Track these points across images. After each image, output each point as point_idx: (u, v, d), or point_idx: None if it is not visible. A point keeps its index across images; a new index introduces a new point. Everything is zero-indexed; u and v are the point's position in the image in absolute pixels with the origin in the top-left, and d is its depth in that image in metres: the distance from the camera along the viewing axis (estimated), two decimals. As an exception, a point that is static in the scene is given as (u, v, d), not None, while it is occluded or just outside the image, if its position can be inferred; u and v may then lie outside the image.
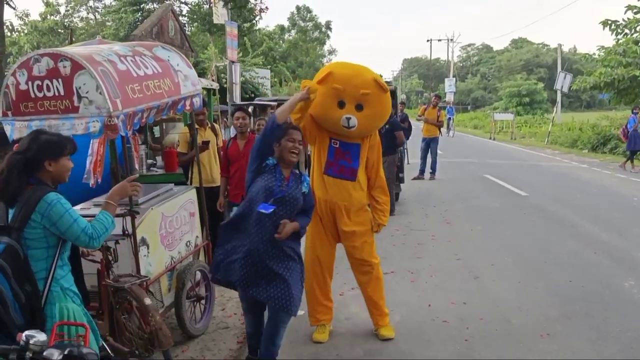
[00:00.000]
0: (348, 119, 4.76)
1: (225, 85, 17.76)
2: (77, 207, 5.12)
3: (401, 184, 11.34)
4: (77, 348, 2.05)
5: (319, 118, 4.96)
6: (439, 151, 15.67)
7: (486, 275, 6.79)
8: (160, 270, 4.93)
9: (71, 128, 4.17)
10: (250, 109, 15.93)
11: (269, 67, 32.17)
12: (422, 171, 14.94)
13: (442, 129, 23.28)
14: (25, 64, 4.25)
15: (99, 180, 7.07)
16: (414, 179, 14.65)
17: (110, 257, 4.22)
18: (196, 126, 7.15)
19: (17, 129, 4.35)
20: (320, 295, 5.10)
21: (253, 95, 24.05)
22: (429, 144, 14.92)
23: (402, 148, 11.16)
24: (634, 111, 17.35)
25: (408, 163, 14.89)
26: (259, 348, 4.32)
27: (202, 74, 19.64)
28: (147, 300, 3.97)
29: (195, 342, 5.15)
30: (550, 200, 11.74)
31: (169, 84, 5.00)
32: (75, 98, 4.13)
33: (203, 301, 5.53)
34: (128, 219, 4.49)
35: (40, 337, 1.99)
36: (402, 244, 8.26)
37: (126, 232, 4.47)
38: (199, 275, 5.48)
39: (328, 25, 50.69)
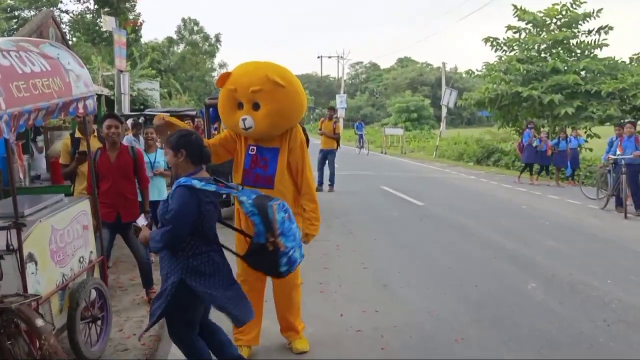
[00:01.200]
0: (244, 120, 4.50)
1: (112, 97, 16.92)
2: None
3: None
4: None
5: (224, 123, 4.74)
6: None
7: (395, 283, 6.74)
8: (50, 289, 4.43)
9: (-55, 129, 3.64)
10: (140, 120, 15.29)
11: (157, 79, 31.21)
12: (320, 183, 14.90)
13: (356, 148, 23.69)
14: None
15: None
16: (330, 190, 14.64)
17: (-9, 275, 3.70)
18: (80, 135, 6.63)
19: None
20: None
21: (142, 107, 23.21)
22: (326, 156, 14.93)
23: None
24: (529, 126, 18.31)
25: None
26: None
27: (88, 84, 18.64)
28: (39, 322, 3.49)
29: (94, 365, 4.67)
30: (446, 209, 12.05)
31: (59, 83, 4.54)
32: (-52, 95, 3.62)
33: (99, 322, 5.05)
34: (14, 232, 3.98)
35: None
36: (308, 255, 7.89)
37: (11, 247, 3.95)
38: (94, 294, 5.00)
39: (218, 38, 50.16)
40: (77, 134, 6.72)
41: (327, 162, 14.98)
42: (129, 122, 13.91)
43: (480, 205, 12.76)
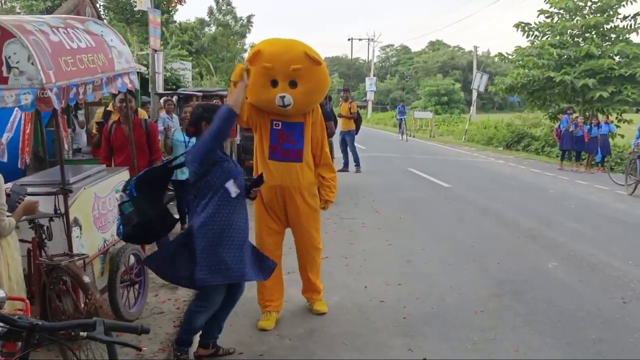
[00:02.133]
0: (282, 97, 4.59)
1: (147, 76, 17.26)
2: None
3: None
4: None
5: (254, 101, 4.79)
6: (360, 146, 15.84)
7: (418, 259, 6.95)
8: (93, 252, 4.74)
9: (0, 100, 3.94)
10: (174, 99, 15.61)
11: (189, 59, 31.56)
12: (346, 164, 15.03)
13: (399, 134, 23.72)
14: (-52, 31, 3.98)
15: (27, 160, 6.73)
16: (339, 171, 14.76)
17: (43, 236, 4.00)
18: (111, 109, 6.90)
19: (-62, 100, 4.06)
20: (267, 282, 4.82)
21: (175, 87, 23.56)
22: (344, 137, 15.06)
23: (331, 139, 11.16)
24: (568, 112, 18.17)
25: (334, 158, 14.93)
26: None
27: (122, 63, 19.02)
28: (86, 278, 3.80)
29: (130, 327, 4.97)
30: (472, 191, 12.17)
31: (103, 59, 4.83)
32: (4, 68, 3.92)
33: (137, 286, 5.36)
34: (61, 197, 4.29)
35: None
36: (334, 231, 8.31)
37: (58, 211, 4.26)
38: (132, 259, 5.31)
39: (249, 20, 50.26)
40: (110, 107, 7.03)
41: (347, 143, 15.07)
42: (162, 100, 14.28)
43: (507, 188, 12.85)
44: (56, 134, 4.53)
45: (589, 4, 21.78)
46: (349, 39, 78.57)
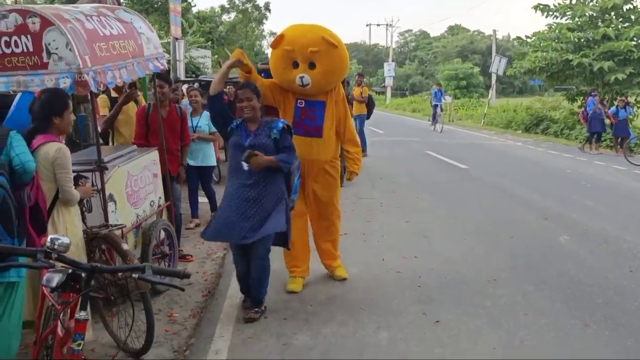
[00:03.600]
0: (301, 77, 5.04)
1: (167, 64, 17.63)
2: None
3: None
4: None
5: (279, 81, 5.26)
6: (378, 130, 16.00)
7: (435, 235, 7.21)
8: (127, 226, 5.06)
9: (41, 84, 4.24)
10: (195, 85, 15.95)
11: (208, 46, 31.90)
12: (363, 149, 15.20)
13: (430, 123, 23.37)
14: (-9, 20, 4.29)
15: (63, 141, 7.07)
16: None
17: (83, 208, 4.34)
18: (115, 95, 7.17)
19: (-16, 85, 4.39)
20: (294, 248, 5.27)
21: (195, 74, 23.92)
22: (355, 121, 15.23)
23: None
24: (592, 94, 17.97)
25: None
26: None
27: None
28: (125, 246, 4.13)
29: (162, 297, 5.31)
30: (489, 172, 12.37)
31: (133, 45, 5.12)
32: (44, 54, 4.20)
33: (167, 259, 5.70)
34: (97, 174, 4.61)
35: (64, 239, 2.19)
36: (352, 210, 8.58)
37: (95, 187, 4.59)
38: (163, 234, 5.64)
39: (267, 7, 50.52)
40: (113, 94, 7.32)
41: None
42: (184, 87, 14.60)
43: (524, 169, 13.03)
44: (92, 117, 4.84)
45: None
46: (367, 25, 78.53)
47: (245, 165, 4.52)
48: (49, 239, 2.19)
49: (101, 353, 4.09)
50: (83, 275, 2.30)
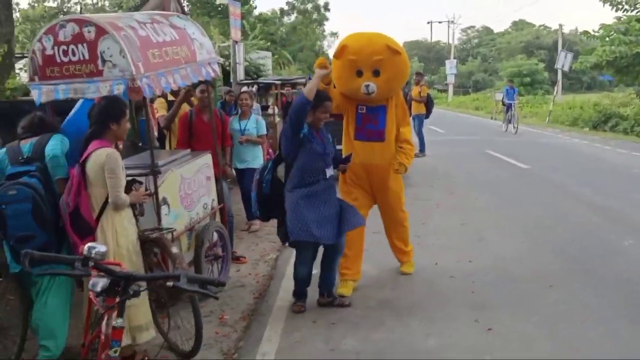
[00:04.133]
0: (367, 86, 5.13)
1: (227, 67, 17.90)
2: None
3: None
4: None
5: (342, 90, 5.38)
6: (439, 129, 15.77)
7: (490, 237, 7.05)
8: (180, 229, 5.15)
9: (96, 91, 4.38)
10: (254, 88, 16.14)
11: (268, 47, 32.24)
12: (422, 149, 15.02)
13: (503, 123, 22.46)
14: (51, 29, 4.45)
15: (120, 146, 7.29)
16: (415, 156, 14.70)
17: (135, 212, 4.43)
18: (172, 98, 7.30)
19: (44, 93, 4.55)
20: (348, 252, 5.35)
21: (255, 76, 24.22)
22: (414, 121, 15.07)
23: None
24: None
25: None
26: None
27: (205, 55, 19.75)
28: (174, 249, 4.20)
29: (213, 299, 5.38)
30: (552, 172, 11.95)
31: (186, 50, 5.21)
32: (99, 62, 4.34)
33: (220, 261, 5.78)
34: (150, 178, 4.72)
35: (101, 248, 2.24)
36: (407, 211, 8.47)
37: (149, 191, 4.69)
38: (215, 236, 5.72)
39: (326, 7, 50.77)
40: (170, 97, 7.48)
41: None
42: (243, 89, 14.79)
43: (588, 169, 12.53)
44: (146, 122, 4.96)
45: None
46: (428, 22, 77.55)
47: (330, 172, 4.91)
48: (86, 248, 2.25)
49: (153, 353, 4.17)
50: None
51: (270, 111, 14.40)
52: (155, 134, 7.57)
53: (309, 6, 50.23)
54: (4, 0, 9.37)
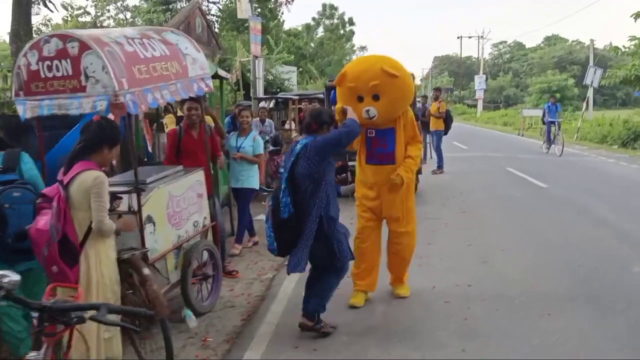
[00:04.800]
0: (367, 110, 5.16)
1: (249, 81, 17.93)
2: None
3: (419, 175, 11.28)
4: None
5: None
6: (462, 145, 15.51)
7: (496, 259, 6.79)
8: (166, 247, 5.05)
9: (79, 107, 4.33)
10: (272, 103, 16.10)
11: (295, 64, 32.33)
12: (440, 166, 14.78)
13: (543, 144, 21.27)
14: (36, 44, 4.42)
15: (114, 162, 7.26)
16: (433, 173, 14.53)
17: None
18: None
19: (29, 109, 4.52)
20: (363, 259, 5.38)
21: (279, 90, 24.27)
22: (433, 137, 14.91)
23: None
24: None
25: (431, 157, 14.89)
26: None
27: (229, 69, 19.85)
28: (146, 271, 4.08)
29: (202, 319, 5.27)
30: (571, 191, 11.55)
31: (177, 66, 5.13)
32: (82, 78, 4.29)
33: (210, 280, 5.66)
34: (134, 195, 4.62)
35: (14, 277, 2.13)
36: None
37: (132, 209, 4.60)
38: (206, 255, 5.61)
39: (351, 21, 51.05)
40: (179, 112, 7.43)
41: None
42: (261, 104, 14.78)
43: (611, 188, 12.08)
44: (129, 138, 4.87)
45: None
46: (457, 37, 77.17)
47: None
48: None
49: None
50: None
51: (287, 126, 14.34)
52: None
53: (335, 21, 50.55)
54: (24, 16, 9.52)
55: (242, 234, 7.47)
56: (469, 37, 65.02)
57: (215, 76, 9.06)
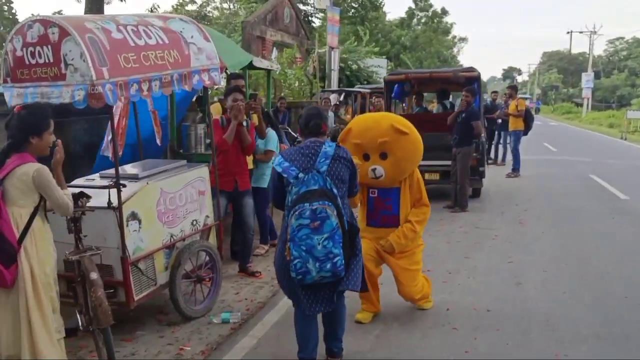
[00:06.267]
0: (373, 169, 4.84)
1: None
2: (82, 178, 5.14)
3: (482, 179, 10.52)
4: None
5: None
6: (552, 147, 14.39)
7: (530, 282, 6.04)
8: (154, 246, 4.79)
9: (60, 96, 4.16)
10: (342, 96, 15.70)
11: (384, 57, 31.70)
12: (516, 168, 13.80)
13: None
14: (20, 30, 4.28)
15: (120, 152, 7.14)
16: (507, 176, 13.61)
17: (71, 227, 4.05)
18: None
19: (15, 96, 4.39)
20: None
21: (366, 82, 23.88)
22: (511, 137, 13.98)
23: (481, 140, 10.15)
24: None
25: (494, 158, 14.13)
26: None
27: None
28: (93, 275, 3.79)
29: (190, 324, 5.01)
30: (656, 207, 10.32)
31: (176, 55, 4.84)
32: (62, 65, 4.11)
33: (209, 283, 5.36)
34: (114, 191, 4.38)
35: None
36: (457, 242, 7.61)
37: (111, 205, 4.36)
38: (203, 256, 5.31)
39: (444, 11, 49.76)
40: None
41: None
42: (332, 97, 14.45)
43: None
44: (112, 133, 4.63)
45: None
46: (567, 32, 73.22)
47: None
48: None
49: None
50: None
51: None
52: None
53: (429, 13, 49.63)
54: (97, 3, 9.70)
55: (266, 233, 7.15)
56: (580, 33, 60.91)
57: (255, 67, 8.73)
